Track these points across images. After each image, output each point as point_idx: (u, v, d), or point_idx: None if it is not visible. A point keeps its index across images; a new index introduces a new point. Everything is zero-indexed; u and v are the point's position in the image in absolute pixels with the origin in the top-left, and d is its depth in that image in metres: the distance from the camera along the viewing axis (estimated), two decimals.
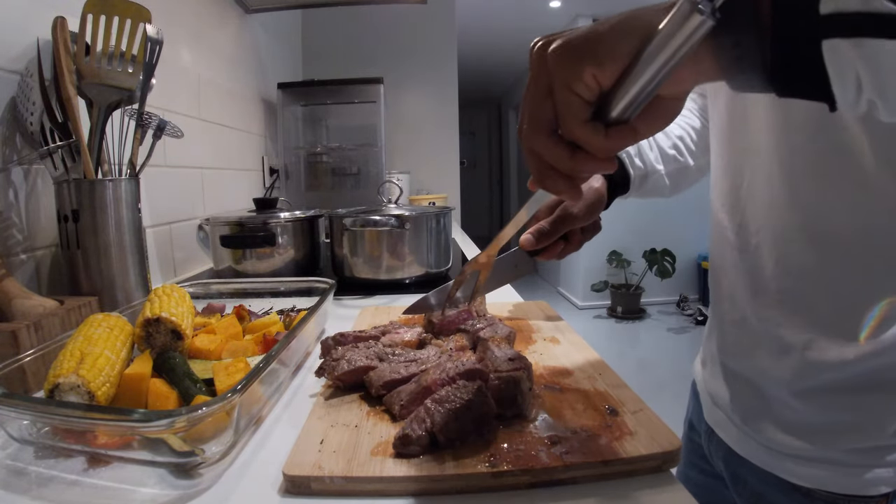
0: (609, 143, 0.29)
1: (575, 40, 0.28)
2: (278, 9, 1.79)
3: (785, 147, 0.46)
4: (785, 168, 0.46)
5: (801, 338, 0.47)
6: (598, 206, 0.58)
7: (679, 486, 0.35)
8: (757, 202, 0.50)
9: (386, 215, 0.93)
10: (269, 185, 1.86)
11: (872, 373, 0.44)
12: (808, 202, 0.45)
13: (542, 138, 0.30)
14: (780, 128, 0.46)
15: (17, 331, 0.53)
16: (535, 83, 0.30)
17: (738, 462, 0.55)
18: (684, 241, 4.19)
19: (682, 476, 0.71)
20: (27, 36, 0.71)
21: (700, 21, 0.25)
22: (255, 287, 0.78)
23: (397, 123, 2.72)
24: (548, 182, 0.32)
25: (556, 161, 0.31)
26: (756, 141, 0.49)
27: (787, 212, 0.47)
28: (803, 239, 0.46)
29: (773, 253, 0.49)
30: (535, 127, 0.30)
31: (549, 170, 0.32)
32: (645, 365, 3.17)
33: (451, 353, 0.52)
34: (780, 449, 0.50)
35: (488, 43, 4.75)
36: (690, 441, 0.69)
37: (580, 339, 0.62)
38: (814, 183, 0.45)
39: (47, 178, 0.75)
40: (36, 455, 0.41)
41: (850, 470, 0.46)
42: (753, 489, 0.54)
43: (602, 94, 0.28)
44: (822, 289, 0.46)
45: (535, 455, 0.36)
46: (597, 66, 0.27)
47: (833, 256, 0.45)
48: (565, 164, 0.30)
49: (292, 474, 0.36)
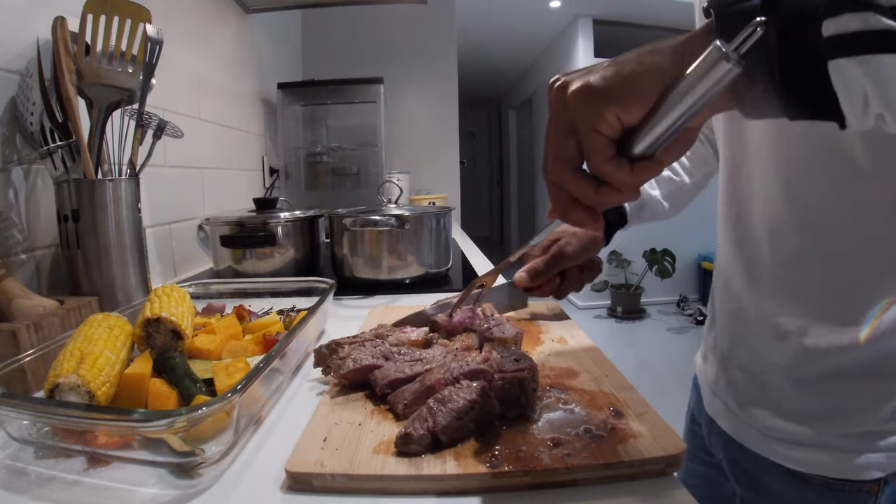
0: (634, 178, 0.30)
1: (597, 82, 0.29)
2: (278, 9, 1.79)
3: (781, 140, 0.47)
4: (780, 161, 0.47)
5: (796, 325, 0.48)
6: (591, 246, 0.59)
7: (682, 490, 0.35)
8: (754, 195, 0.51)
9: (386, 215, 0.93)
10: (269, 185, 1.86)
11: (866, 359, 0.45)
12: (801, 193, 0.47)
13: (568, 174, 0.32)
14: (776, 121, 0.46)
15: (17, 331, 0.52)
16: (557, 123, 0.31)
17: (737, 450, 0.56)
18: (684, 241, 4.19)
19: (686, 469, 0.72)
20: (27, 36, 0.71)
21: (727, 69, 0.26)
22: (255, 287, 0.78)
23: (397, 123, 2.72)
24: (571, 215, 0.33)
25: (581, 195, 0.32)
26: (754, 134, 0.50)
27: (781, 203, 0.48)
28: (796, 230, 0.47)
29: (769, 243, 0.50)
30: (561, 164, 0.32)
31: (572, 203, 0.33)
32: (645, 365, 3.17)
33: (456, 353, 0.52)
34: (777, 435, 0.51)
35: (488, 43, 4.75)
36: (692, 433, 0.70)
37: (589, 340, 0.61)
38: (807, 175, 0.46)
39: (47, 178, 0.75)
40: (36, 455, 0.40)
41: (844, 455, 0.47)
42: (752, 476, 0.55)
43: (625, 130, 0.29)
44: (815, 278, 0.47)
45: (537, 456, 0.36)
46: (621, 107, 0.28)
47: (824, 246, 0.46)
48: (591, 199, 0.31)
49: (294, 471, 0.36)
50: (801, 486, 0.49)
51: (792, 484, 0.50)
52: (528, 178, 6.33)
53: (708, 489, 0.67)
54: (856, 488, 0.47)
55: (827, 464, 0.48)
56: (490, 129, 8.16)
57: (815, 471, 0.48)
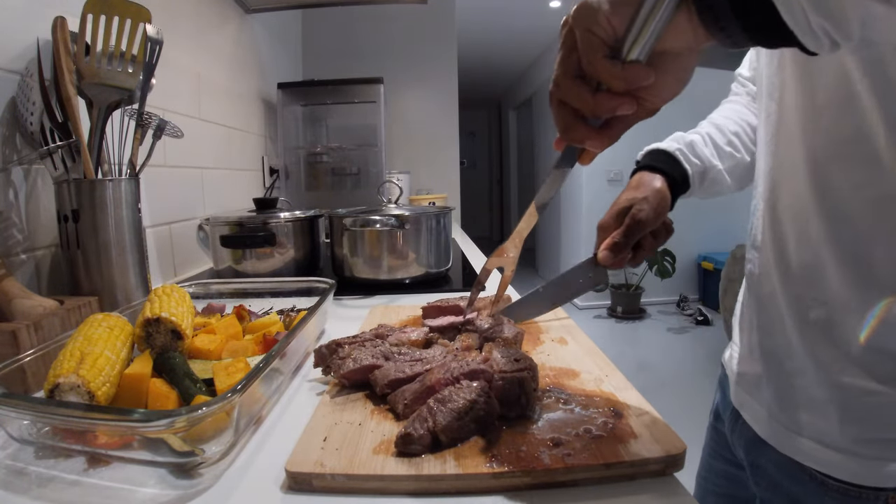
0: (626, 73, 0.32)
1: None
2: (278, 9, 1.79)
3: (810, 127, 0.47)
4: (809, 147, 0.48)
5: (822, 314, 0.48)
6: (663, 206, 0.59)
7: (682, 490, 0.35)
8: (784, 179, 0.51)
9: (386, 215, 0.93)
10: (269, 185, 1.86)
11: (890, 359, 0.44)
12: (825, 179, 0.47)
13: (568, 82, 0.34)
14: (807, 108, 0.48)
15: (17, 331, 0.52)
16: (564, 42, 0.34)
17: (759, 450, 0.56)
18: (684, 241, 4.19)
19: (707, 467, 0.72)
20: (27, 36, 0.71)
21: None
22: (255, 287, 0.78)
23: (397, 123, 2.72)
24: (573, 132, 0.35)
25: (580, 101, 0.34)
26: (786, 122, 0.50)
27: (805, 188, 0.48)
28: (819, 215, 0.47)
29: (793, 228, 0.50)
30: (562, 73, 0.34)
31: (574, 119, 0.35)
32: (645, 365, 3.17)
33: (456, 353, 0.52)
34: (799, 430, 0.50)
35: (488, 43, 4.75)
36: (715, 430, 0.70)
37: (589, 340, 0.61)
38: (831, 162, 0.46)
39: (47, 178, 0.75)
40: (36, 455, 0.40)
41: (863, 461, 0.46)
42: (771, 479, 0.55)
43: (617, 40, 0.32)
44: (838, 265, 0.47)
45: (537, 456, 0.36)
46: (610, 10, 0.32)
47: (845, 235, 0.46)
48: (588, 103, 0.34)
49: (294, 471, 0.36)
50: (820, 491, 0.49)
51: (811, 489, 0.50)
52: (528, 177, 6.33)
53: (730, 488, 0.67)
54: (874, 496, 0.46)
55: (847, 467, 0.47)
56: (490, 129, 8.16)
57: (835, 473, 0.48)
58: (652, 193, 0.58)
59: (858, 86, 0.42)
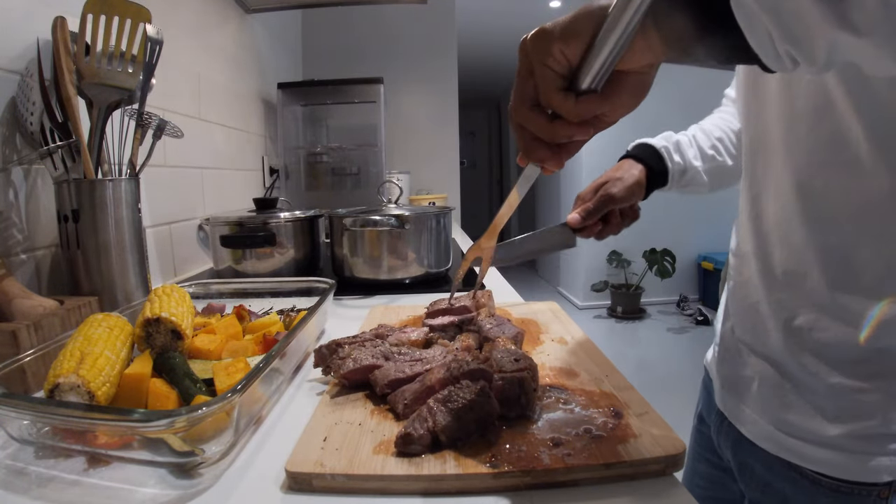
0: (578, 108, 0.33)
1: (546, 26, 0.33)
2: (278, 9, 1.79)
3: (791, 135, 0.48)
4: (791, 155, 0.49)
5: (805, 319, 0.49)
6: (636, 189, 0.66)
7: (682, 489, 0.35)
8: (768, 189, 0.52)
9: (386, 215, 0.93)
10: (269, 185, 1.86)
11: (873, 359, 0.45)
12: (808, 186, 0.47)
13: (525, 110, 0.35)
14: (787, 117, 0.49)
15: (17, 331, 0.52)
16: (520, 67, 0.35)
17: (747, 451, 0.56)
18: (684, 241, 4.19)
19: (691, 469, 0.72)
20: (27, 36, 0.71)
21: None
22: (255, 287, 0.78)
23: (397, 123, 2.72)
24: (533, 153, 0.37)
25: (537, 128, 0.35)
26: (768, 131, 0.51)
27: (790, 196, 0.49)
28: (803, 222, 0.48)
29: (778, 236, 0.51)
30: (519, 101, 0.35)
31: (533, 141, 0.36)
32: (645, 365, 3.17)
33: (456, 353, 0.52)
34: (788, 431, 0.51)
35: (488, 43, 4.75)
36: (700, 434, 0.70)
37: (589, 340, 0.61)
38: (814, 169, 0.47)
39: (47, 178, 0.75)
40: (36, 455, 0.40)
41: (854, 456, 0.47)
42: (761, 478, 0.55)
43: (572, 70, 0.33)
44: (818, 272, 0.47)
45: (537, 456, 0.36)
46: (564, 43, 0.32)
47: (829, 239, 0.47)
48: (545, 130, 0.35)
49: (294, 471, 0.36)
50: (812, 489, 0.49)
51: (803, 487, 0.50)
52: None
53: (714, 490, 0.67)
54: (866, 492, 0.47)
55: (837, 464, 0.47)
56: (490, 129, 8.16)
57: (826, 471, 0.48)
58: (629, 177, 0.66)
59: (835, 92, 0.43)
